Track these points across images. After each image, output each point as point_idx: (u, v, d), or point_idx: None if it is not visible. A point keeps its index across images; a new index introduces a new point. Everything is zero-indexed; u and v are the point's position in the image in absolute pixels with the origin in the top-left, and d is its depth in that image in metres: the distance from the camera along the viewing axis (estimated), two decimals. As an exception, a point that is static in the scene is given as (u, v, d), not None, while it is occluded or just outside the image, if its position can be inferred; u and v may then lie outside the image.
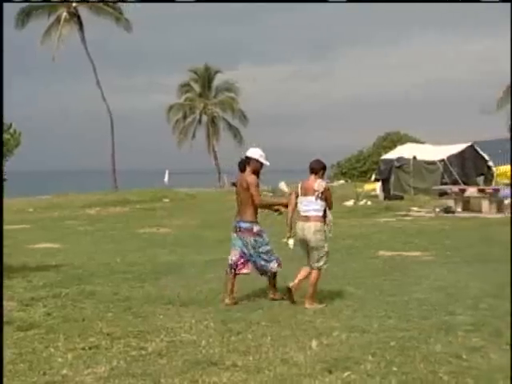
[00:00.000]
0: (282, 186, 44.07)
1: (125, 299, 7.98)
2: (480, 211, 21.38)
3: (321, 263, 7.61)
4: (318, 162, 7.79)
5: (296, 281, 7.61)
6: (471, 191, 24.19)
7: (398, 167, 31.05)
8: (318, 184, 7.63)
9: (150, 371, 5.05)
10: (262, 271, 7.93)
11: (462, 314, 6.75)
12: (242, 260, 7.82)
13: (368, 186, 39.71)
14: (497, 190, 23.55)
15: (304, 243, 7.60)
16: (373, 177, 36.10)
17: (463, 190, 24.52)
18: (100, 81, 47.30)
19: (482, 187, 26.04)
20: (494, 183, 30.12)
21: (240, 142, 62.62)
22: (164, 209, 28.22)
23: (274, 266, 7.82)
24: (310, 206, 7.59)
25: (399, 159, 31.34)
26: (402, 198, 29.33)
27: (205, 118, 59.80)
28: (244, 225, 7.79)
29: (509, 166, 31.05)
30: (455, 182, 27.82)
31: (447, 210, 21.97)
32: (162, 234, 17.54)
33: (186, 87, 58.73)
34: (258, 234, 7.79)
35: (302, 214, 7.64)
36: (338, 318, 6.73)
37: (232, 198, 8.59)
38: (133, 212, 26.52)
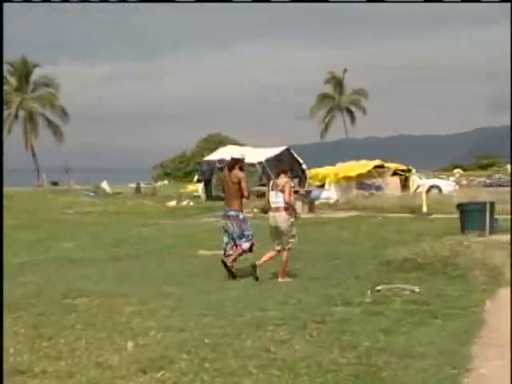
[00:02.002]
0: (105, 185, 43.08)
1: None
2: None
3: (290, 245, 9.31)
4: (285, 166, 10.09)
5: (262, 260, 9.30)
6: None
7: (220, 168, 31.75)
8: (281, 181, 9.35)
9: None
10: (237, 245, 9.62)
11: (273, 309, 7.10)
12: (230, 245, 9.68)
13: (191, 187, 40.18)
14: (309, 192, 25.10)
15: (274, 229, 9.27)
16: (195, 178, 36.60)
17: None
18: None
19: (296, 189, 27.55)
20: (307, 185, 32.04)
21: (60, 139, 60.09)
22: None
23: (246, 244, 9.57)
24: (279, 198, 9.22)
25: (221, 161, 32.08)
26: (223, 198, 30.01)
27: (22, 114, 56.57)
28: (232, 213, 9.60)
29: (319, 169, 33.20)
30: (273, 184, 29.09)
31: (265, 211, 22.90)
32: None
33: (0, 80, 55.04)
34: (243, 220, 9.66)
35: (273, 205, 9.31)
36: (155, 318, 6.76)
37: (51, 198, 8.30)
38: None
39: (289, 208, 9.31)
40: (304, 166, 33.87)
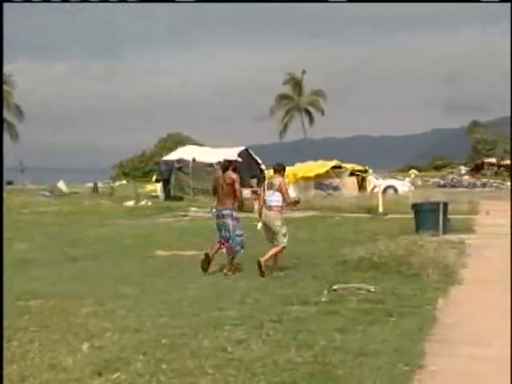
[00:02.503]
0: (61, 184, 42.38)
1: None
2: (252, 211, 22.68)
3: (282, 244, 9.66)
4: (279, 164, 10.06)
5: (265, 257, 9.49)
6: (245, 192, 25.56)
7: (178, 168, 31.67)
8: (276, 180, 9.76)
9: None
10: (229, 249, 9.87)
11: (230, 309, 7.12)
12: (221, 241, 9.99)
13: (150, 187, 39.88)
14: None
15: (266, 227, 9.74)
16: (154, 177, 36.35)
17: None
18: None
19: (255, 189, 27.64)
20: (265, 185, 32.12)
21: (15, 138, 58.92)
22: None
23: (238, 248, 9.86)
24: (274, 197, 9.64)
25: (179, 161, 31.97)
26: (181, 198, 29.95)
27: (-26, 111, 55.09)
28: (226, 212, 9.88)
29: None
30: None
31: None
32: None
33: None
34: (236, 219, 9.96)
35: (267, 203, 9.73)
36: (112, 319, 6.70)
37: (5, 197, 8.13)
38: None
39: (282, 207, 9.79)
40: (263, 167, 33.99)
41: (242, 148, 33.30)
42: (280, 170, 10.07)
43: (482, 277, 9.53)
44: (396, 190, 33.16)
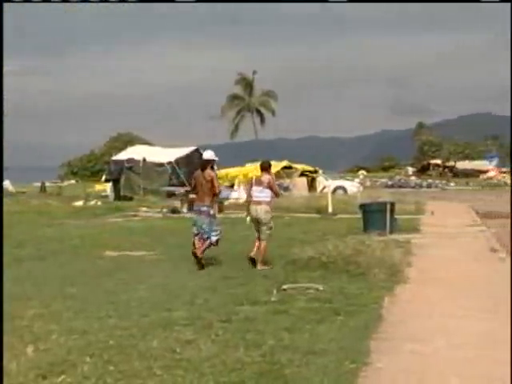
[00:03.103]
0: (7, 184, 41.35)
1: None
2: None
3: (266, 235, 10.42)
4: (265, 162, 10.83)
5: (254, 251, 10.29)
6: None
7: (129, 168, 31.34)
8: (265, 178, 10.43)
9: None
10: (206, 239, 10.37)
11: (179, 309, 7.11)
12: (197, 238, 10.38)
13: (99, 187, 39.33)
14: (219, 192, 25.12)
15: (256, 220, 10.39)
16: (103, 177, 35.86)
17: (189, 192, 25.72)
18: None
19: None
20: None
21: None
22: None
23: (214, 238, 10.40)
24: (261, 193, 10.31)
25: (129, 160, 31.64)
26: (131, 198, 29.65)
27: None
28: (204, 208, 10.38)
29: (229, 169, 33.39)
30: (182, 184, 29.01)
31: (174, 211, 22.86)
32: None
33: None
34: (213, 215, 10.46)
35: (255, 199, 10.40)
36: (58, 321, 6.60)
37: None
38: None
39: (271, 202, 10.54)
40: (214, 166, 33.93)
41: (193, 148, 33.19)
42: (267, 167, 10.76)
43: (426, 275, 9.77)
44: (345, 191, 33.61)
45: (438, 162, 70.78)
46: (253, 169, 32.47)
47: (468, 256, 12.10)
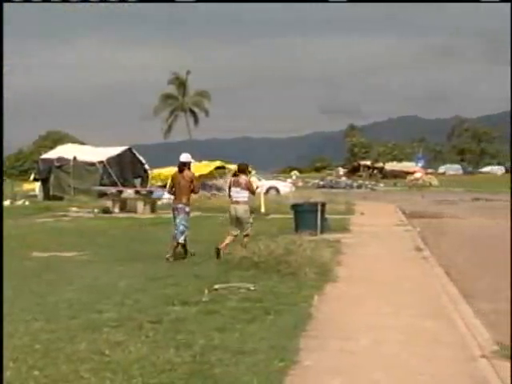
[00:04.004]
0: None
1: None
2: (135, 211, 22.38)
3: (248, 230, 11.35)
4: (242, 164, 11.63)
5: (223, 244, 11.02)
6: (128, 192, 25.20)
7: (58, 167, 30.58)
8: (242, 179, 11.26)
9: None
10: (174, 237, 11.18)
11: (109, 310, 7.01)
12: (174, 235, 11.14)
13: (27, 186, 38.16)
14: (151, 192, 24.97)
15: (235, 219, 11.26)
16: (32, 176, 34.85)
17: (121, 191, 25.40)
18: None
19: (138, 188, 27.29)
20: (149, 185, 31.80)
21: None
22: None
23: (182, 239, 11.08)
24: (241, 194, 11.17)
25: (59, 159, 30.88)
26: (61, 198, 28.96)
27: None
28: (180, 206, 11.17)
29: (162, 169, 33.10)
30: (114, 184, 28.55)
31: (105, 211, 22.48)
32: None
33: None
34: (188, 213, 11.31)
35: (234, 199, 11.29)
36: (-19, 326, 6.38)
37: None
38: None
39: (248, 201, 11.36)
40: (146, 166, 33.60)
41: (126, 147, 32.73)
42: (244, 169, 11.59)
43: (355, 274, 10.00)
44: (278, 191, 33.90)
45: (368, 163, 72.48)
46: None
47: (395, 255, 12.47)
